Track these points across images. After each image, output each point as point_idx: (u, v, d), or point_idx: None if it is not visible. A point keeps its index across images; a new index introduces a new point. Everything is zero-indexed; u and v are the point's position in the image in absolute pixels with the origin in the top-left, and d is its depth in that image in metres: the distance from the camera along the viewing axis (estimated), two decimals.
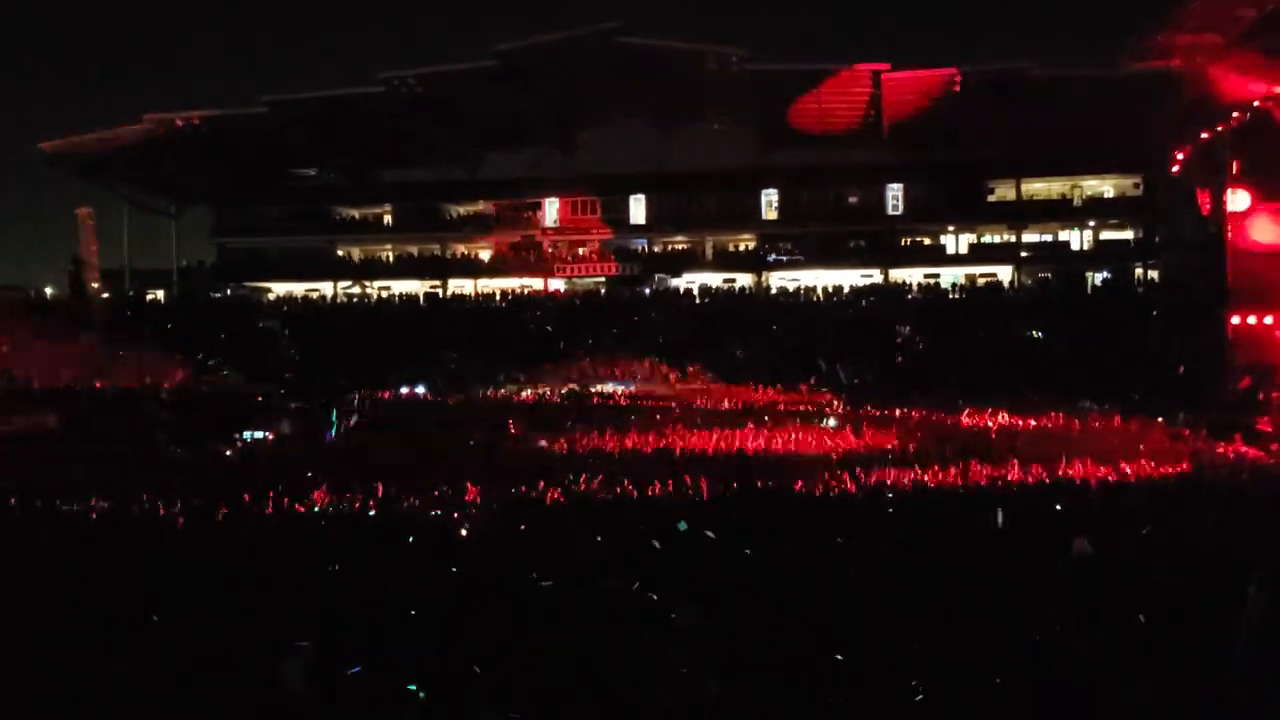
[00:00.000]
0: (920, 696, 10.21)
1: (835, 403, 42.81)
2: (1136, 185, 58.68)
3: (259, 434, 35.50)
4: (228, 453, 29.91)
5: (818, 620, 12.79)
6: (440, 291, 64.26)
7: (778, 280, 61.21)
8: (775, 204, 62.43)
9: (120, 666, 9.78)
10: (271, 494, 20.92)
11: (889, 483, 23.56)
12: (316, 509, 21.02)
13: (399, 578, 14.95)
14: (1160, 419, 35.69)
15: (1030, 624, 12.54)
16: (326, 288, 65.50)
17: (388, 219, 67.07)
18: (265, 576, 14.67)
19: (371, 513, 20.91)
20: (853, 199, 62.49)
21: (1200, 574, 15.33)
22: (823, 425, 35.86)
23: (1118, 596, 13.96)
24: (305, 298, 64.92)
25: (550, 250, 64.10)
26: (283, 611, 12.43)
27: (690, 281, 61.56)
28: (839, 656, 11.27)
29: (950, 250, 61.14)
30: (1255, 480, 24.70)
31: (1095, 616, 12.88)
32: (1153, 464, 26.28)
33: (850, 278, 59.91)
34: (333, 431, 35.02)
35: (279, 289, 66.09)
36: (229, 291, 65.84)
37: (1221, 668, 10.96)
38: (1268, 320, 47.48)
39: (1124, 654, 11.77)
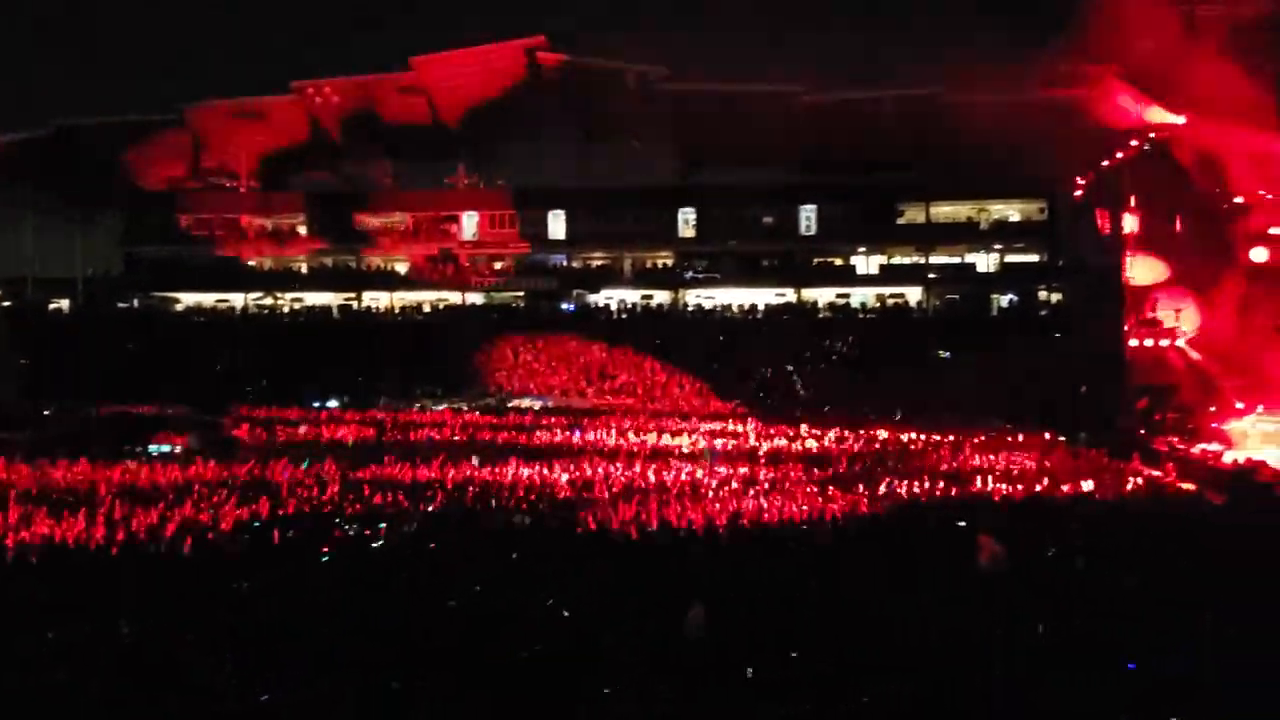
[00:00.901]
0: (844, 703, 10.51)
1: (749, 419, 43.39)
2: (1041, 210, 60.29)
3: (166, 447, 34.83)
4: (135, 465, 29.21)
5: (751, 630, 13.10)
6: (355, 304, 63.46)
7: (694, 298, 61.69)
8: (693, 222, 62.89)
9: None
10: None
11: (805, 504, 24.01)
12: None
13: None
14: (1063, 438, 36.83)
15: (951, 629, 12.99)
16: (237, 299, 64.22)
17: (301, 229, 65.97)
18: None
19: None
20: (768, 219, 63.17)
21: (1101, 585, 16.01)
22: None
23: (1025, 604, 14.52)
24: (215, 309, 63.65)
25: (468, 264, 63.73)
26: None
27: (609, 297, 61.70)
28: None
29: (861, 271, 62.15)
30: (1155, 500, 25.75)
31: (1007, 624, 13.39)
32: (1054, 483, 27.20)
33: (765, 296, 60.65)
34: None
35: (188, 299, 64.63)
36: (136, 302, 64.12)
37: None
38: (1164, 343, 49.47)
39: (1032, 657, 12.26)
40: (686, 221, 62.91)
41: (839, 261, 62.49)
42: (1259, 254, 44.94)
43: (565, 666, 11.52)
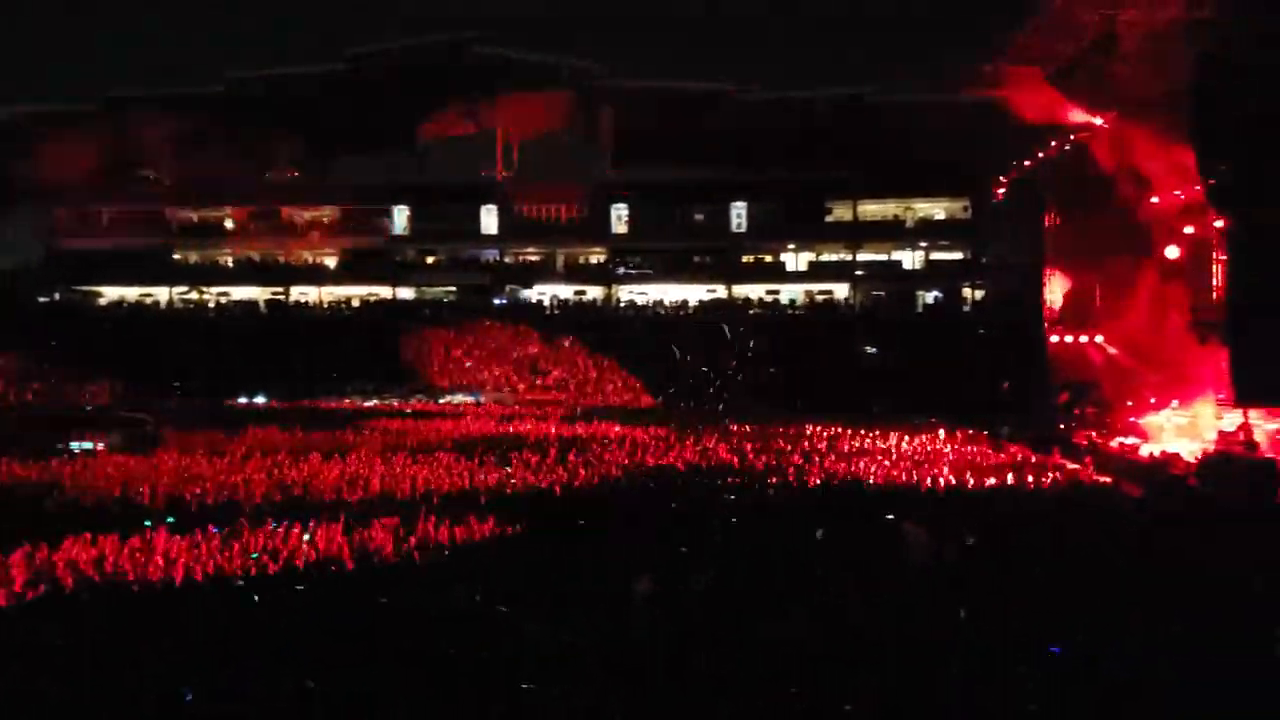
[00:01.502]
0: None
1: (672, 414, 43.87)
2: (965, 208, 61.54)
3: (89, 444, 34.10)
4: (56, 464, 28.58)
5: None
6: (283, 298, 62.66)
7: (627, 293, 61.96)
8: (625, 218, 63.13)
9: None
10: None
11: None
12: None
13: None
14: (986, 432, 37.65)
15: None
16: (162, 293, 63.07)
17: (229, 222, 64.98)
18: None
19: None
20: (699, 216, 63.68)
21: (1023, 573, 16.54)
22: None
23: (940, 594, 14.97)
24: (139, 303, 62.45)
25: (398, 258, 63.24)
26: None
27: (542, 293, 61.71)
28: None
29: (790, 267, 62.92)
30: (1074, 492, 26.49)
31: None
32: (976, 476, 27.87)
33: (696, 292, 61.16)
34: None
35: (112, 293, 63.32)
36: (58, 296, 62.60)
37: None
38: (1084, 339, 50.83)
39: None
40: (619, 217, 63.15)
41: (769, 258, 63.21)
42: (1172, 251, 46.29)
43: (503, 664, 11.65)
